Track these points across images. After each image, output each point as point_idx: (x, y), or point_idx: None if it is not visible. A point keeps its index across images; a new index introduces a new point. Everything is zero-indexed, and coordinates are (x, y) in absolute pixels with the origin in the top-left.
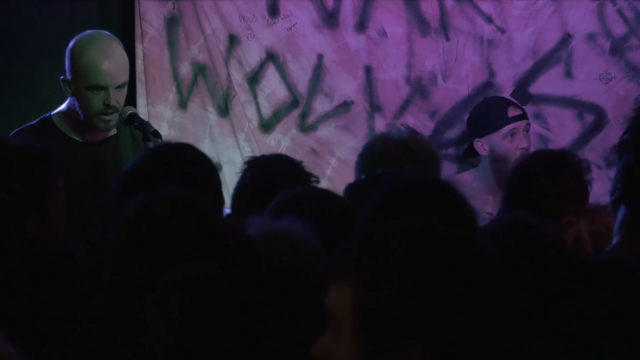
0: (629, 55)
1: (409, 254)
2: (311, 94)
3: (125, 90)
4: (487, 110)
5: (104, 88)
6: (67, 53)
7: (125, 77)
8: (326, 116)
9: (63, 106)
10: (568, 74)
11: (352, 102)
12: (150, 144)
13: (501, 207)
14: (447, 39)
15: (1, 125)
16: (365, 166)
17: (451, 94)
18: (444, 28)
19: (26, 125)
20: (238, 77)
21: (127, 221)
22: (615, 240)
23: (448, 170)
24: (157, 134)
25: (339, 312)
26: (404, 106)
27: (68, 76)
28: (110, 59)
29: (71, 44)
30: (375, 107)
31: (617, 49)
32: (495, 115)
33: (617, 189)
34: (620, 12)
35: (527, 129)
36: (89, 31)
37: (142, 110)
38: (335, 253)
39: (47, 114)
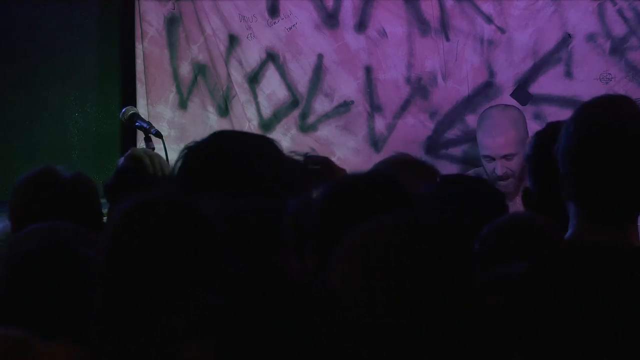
0: (629, 55)
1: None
2: (311, 94)
3: None
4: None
5: None
6: None
7: None
8: (326, 116)
9: None
10: (568, 74)
11: (352, 102)
12: (152, 144)
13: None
14: (447, 39)
15: (1, 125)
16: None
17: (451, 94)
18: (444, 28)
19: None
20: (238, 77)
21: (121, 220)
22: (570, 231)
23: (449, 170)
24: (158, 135)
25: None
26: (404, 106)
27: None
28: None
29: None
30: (375, 107)
31: (617, 49)
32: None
33: (566, 189)
34: (620, 12)
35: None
36: None
37: (142, 110)
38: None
39: None
